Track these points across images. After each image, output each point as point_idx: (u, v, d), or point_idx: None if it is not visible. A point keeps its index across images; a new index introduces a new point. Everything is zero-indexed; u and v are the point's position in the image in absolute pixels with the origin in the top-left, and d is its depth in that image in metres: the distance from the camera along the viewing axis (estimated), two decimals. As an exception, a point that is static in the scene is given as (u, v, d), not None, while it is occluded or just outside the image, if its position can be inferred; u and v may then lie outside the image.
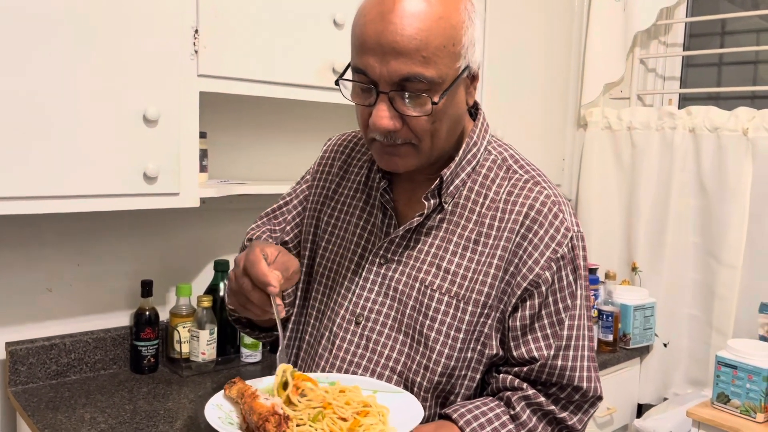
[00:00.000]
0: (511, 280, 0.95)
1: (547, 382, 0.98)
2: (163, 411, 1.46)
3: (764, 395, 1.72)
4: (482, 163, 1.01)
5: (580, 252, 0.99)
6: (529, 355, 0.96)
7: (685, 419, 1.95)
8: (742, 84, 2.40)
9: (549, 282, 0.95)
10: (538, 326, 0.96)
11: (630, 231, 2.45)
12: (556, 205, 0.97)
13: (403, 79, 0.85)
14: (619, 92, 2.61)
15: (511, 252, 0.95)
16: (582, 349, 0.99)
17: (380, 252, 1.01)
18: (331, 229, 1.09)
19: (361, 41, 0.87)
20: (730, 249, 2.16)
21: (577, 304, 0.98)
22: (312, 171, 1.18)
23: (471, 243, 0.97)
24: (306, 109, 1.96)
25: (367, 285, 1.01)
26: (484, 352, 0.97)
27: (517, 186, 0.98)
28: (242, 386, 0.88)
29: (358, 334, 1.00)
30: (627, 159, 2.46)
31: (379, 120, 0.88)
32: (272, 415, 0.80)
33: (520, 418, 0.96)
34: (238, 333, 1.82)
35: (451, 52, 0.87)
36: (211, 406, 0.87)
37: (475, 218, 0.98)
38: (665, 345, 2.33)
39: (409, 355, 0.97)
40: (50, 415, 1.42)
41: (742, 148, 2.13)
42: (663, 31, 2.54)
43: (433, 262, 0.98)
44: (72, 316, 1.68)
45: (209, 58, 1.49)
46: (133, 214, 1.74)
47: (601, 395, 1.01)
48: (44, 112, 1.29)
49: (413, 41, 0.84)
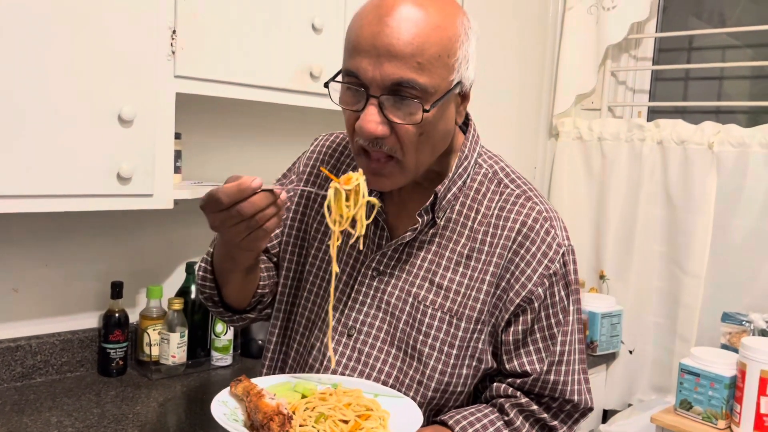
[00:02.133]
0: (503, 295, 0.95)
1: (539, 394, 0.99)
2: (132, 415, 1.44)
3: (725, 402, 1.76)
4: (473, 177, 1.01)
5: (571, 267, 0.99)
6: (521, 369, 0.97)
7: (648, 425, 1.99)
8: (708, 99, 2.47)
9: (542, 298, 0.95)
10: (530, 341, 0.97)
11: (598, 240, 2.50)
12: (548, 221, 0.97)
13: (395, 84, 0.84)
14: (591, 103, 2.66)
15: (503, 268, 0.95)
16: (574, 363, 1.00)
17: (372, 264, 1.00)
18: (321, 237, 1.07)
19: (355, 43, 0.86)
20: (695, 259, 2.22)
21: (569, 320, 0.99)
22: (298, 171, 1.14)
23: (464, 258, 0.97)
24: (282, 112, 1.96)
25: (360, 297, 1.00)
26: (479, 368, 0.98)
27: (509, 201, 0.98)
28: (248, 384, 0.89)
29: (350, 346, 0.99)
30: (597, 169, 2.51)
31: (367, 124, 0.86)
32: (277, 415, 0.81)
33: (514, 423, 0.97)
34: (209, 336, 1.81)
35: (446, 63, 0.86)
36: (217, 403, 0.88)
37: (467, 233, 0.97)
38: (631, 352, 2.38)
39: (402, 369, 0.97)
40: (15, 418, 1.39)
41: (707, 161, 2.19)
42: (634, 45, 2.60)
43: (426, 276, 0.97)
44: (38, 317, 1.64)
45: (186, 60, 1.48)
46: (104, 215, 1.71)
47: (592, 406, 1.02)
48: (16, 109, 1.26)
49: (409, 46, 0.83)
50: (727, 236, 2.17)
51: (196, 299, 1.77)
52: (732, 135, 2.14)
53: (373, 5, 0.87)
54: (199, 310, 1.78)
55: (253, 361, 1.86)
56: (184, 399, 1.55)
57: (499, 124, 2.44)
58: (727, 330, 2.01)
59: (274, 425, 0.80)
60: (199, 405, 1.53)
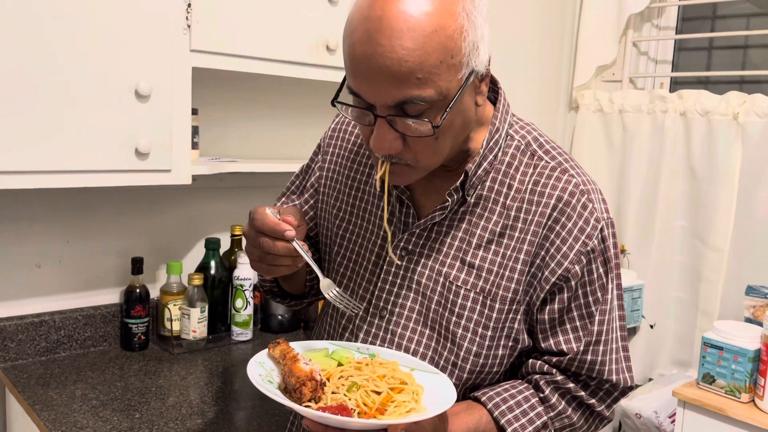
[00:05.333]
0: (538, 273, 0.92)
1: (577, 373, 0.96)
2: (155, 388, 1.46)
3: (749, 376, 1.74)
4: (505, 150, 0.95)
5: (610, 242, 0.94)
6: (557, 348, 0.94)
7: (670, 399, 1.98)
8: (733, 68, 2.41)
9: (579, 276, 0.91)
10: (567, 319, 0.93)
11: (619, 214, 2.47)
12: (585, 195, 0.92)
13: (399, 103, 0.79)
14: (612, 75, 2.61)
15: (538, 245, 0.91)
16: (613, 341, 0.96)
17: (401, 244, 0.97)
18: (346, 216, 1.05)
19: (351, 63, 0.80)
20: (718, 232, 2.18)
21: (608, 298, 0.95)
22: (322, 150, 1.12)
23: (496, 236, 0.92)
24: (298, 86, 1.94)
25: (389, 278, 0.97)
26: (516, 347, 0.95)
27: (544, 174, 0.93)
28: (285, 347, 0.90)
29: (383, 328, 0.97)
30: (618, 142, 2.47)
31: (380, 143, 0.82)
32: (309, 380, 0.81)
33: (550, 401, 0.95)
34: (229, 311, 1.82)
35: (450, 65, 0.78)
36: (254, 363, 0.88)
37: (500, 210, 0.93)
38: (652, 326, 2.36)
39: (437, 350, 0.94)
40: (41, 391, 1.41)
41: (732, 132, 2.14)
42: (656, 14, 2.54)
43: (456, 255, 0.94)
44: (61, 293, 1.66)
45: (202, 33, 1.47)
46: (123, 191, 1.72)
47: (632, 385, 0.99)
48: (33, 86, 1.26)
49: (405, 64, 0.75)
50: (751, 209, 2.13)
51: (215, 274, 1.78)
52: (758, 105, 2.09)
53: (362, 16, 0.79)
54: (219, 285, 1.79)
55: (272, 335, 1.87)
56: (205, 373, 1.57)
57: (518, 97, 2.40)
58: (751, 303, 1.98)
59: (306, 390, 0.81)
60: (220, 379, 1.54)
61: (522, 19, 2.35)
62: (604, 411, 0.99)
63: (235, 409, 1.39)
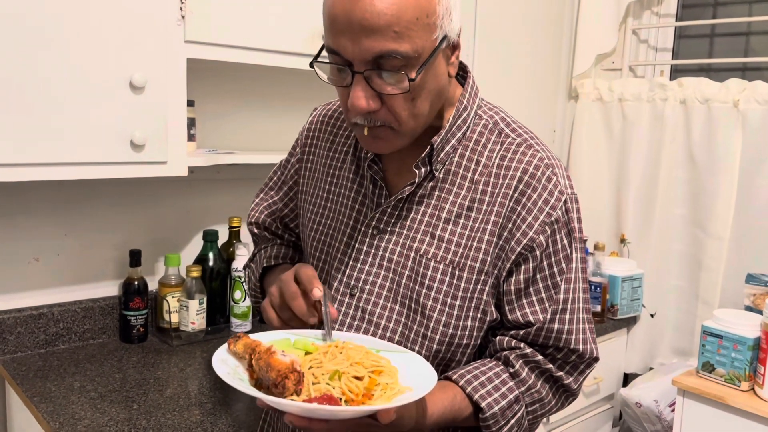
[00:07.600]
0: (505, 245, 0.95)
1: (544, 345, 0.98)
2: (153, 380, 1.46)
3: (749, 364, 1.74)
4: (473, 128, 0.99)
5: (574, 215, 0.98)
6: (525, 320, 0.96)
7: (670, 388, 1.98)
8: (734, 55, 2.39)
9: (543, 246, 0.94)
10: (533, 290, 0.96)
11: (619, 203, 2.46)
12: (550, 168, 0.96)
13: (377, 57, 0.82)
14: (611, 63, 2.60)
15: (505, 217, 0.95)
16: (578, 311, 0.99)
17: (372, 223, 1.00)
18: (322, 203, 1.08)
19: (330, 21, 0.84)
20: (718, 220, 2.17)
21: (573, 267, 0.98)
22: (300, 144, 1.16)
23: (464, 210, 0.96)
24: (294, 77, 1.93)
25: (360, 256, 1.00)
26: (484, 320, 0.97)
27: (510, 150, 0.97)
28: (249, 341, 0.86)
29: (353, 306, 1.00)
30: (618, 131, 2.46)
31: (357, 101, 0.85)
32: (291, 372, 0.78)
33: (520, 375, 0.97)
34: (227, 303, 1.82)
35: (425, 24, 0.83)
36: (218, 362, 0.84)
37: (468, 185, 0.97)
38: (652, 315, 2.36)
39: (407, 325, 0.97)
40: (39, 383, 1.41)
41: (732, 119, 2.13)
42: (656, 2, 2.52)
43: (426, 230, 0.97)
44: (60, 286, 1.67)
45: (196, 24, 1.46)
46: (120, 183, 1.72)
47: (598, 356, 1.01)
48: (28, 78, 1.26)
49: (383, 17, 0.80)
50: (752, 197, 2.12)
51: (214, 266, 1.78)
52: (758, 92, 2.08)
53: None
54: (217, 277, 1.79)
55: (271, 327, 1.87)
56: (204, 364, 1.57)
57: (517, 86, 2.39)
58: (751, 291, 1.98)
59: (290, 383, 0.77)
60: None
61: (521, 8, 2.33)
62: (571, 384, 1.01)
63: (233, 400, 1.40)
